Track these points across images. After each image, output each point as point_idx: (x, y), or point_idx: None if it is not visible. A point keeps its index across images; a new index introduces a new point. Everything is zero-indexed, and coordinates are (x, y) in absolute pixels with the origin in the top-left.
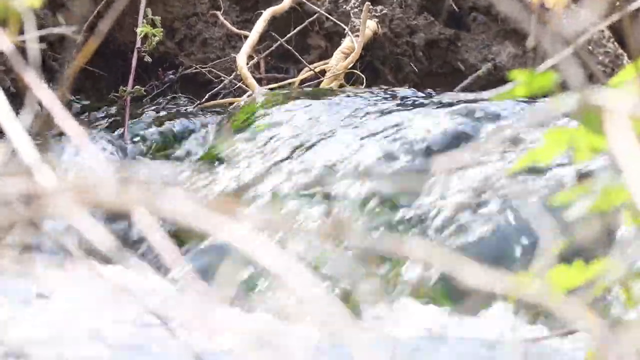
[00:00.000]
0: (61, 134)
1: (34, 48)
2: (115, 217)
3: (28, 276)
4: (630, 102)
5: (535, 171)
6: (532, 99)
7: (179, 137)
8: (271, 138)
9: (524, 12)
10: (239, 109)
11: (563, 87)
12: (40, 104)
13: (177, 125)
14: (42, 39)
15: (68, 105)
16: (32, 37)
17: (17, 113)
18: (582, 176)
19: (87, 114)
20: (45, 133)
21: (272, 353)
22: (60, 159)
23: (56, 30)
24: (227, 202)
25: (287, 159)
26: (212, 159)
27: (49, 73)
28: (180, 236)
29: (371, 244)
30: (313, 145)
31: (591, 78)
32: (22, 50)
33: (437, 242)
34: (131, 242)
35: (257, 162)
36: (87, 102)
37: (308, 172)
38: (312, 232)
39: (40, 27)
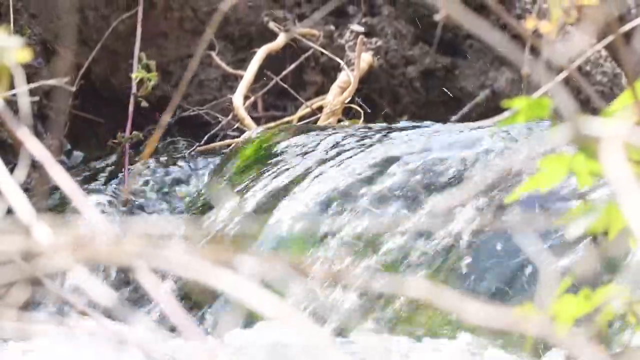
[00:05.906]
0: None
1: (25, 103)
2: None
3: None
4: (624, 130)
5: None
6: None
7: (180, 183)
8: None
9: (515, 40)
10: (235, 153)
11: (558, 113)
12: (33, 159)
13: (177, 170)
14: (36, 89)
15: (67, 154)
16: (23, 91)
17: (14, 165)
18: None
19: (86, 163)
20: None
21: None
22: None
23: (49, 82)
24: (224, 250)
25: (280, 200)
26: (209, 205)
27: (45, 122)
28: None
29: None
30: (305, 185)
31: (588, 102)
32: (14, 104)
33: (436, 280)
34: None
35: (252, 204)
36: (86, 151)
37: (303, 214)
38: (311, 275)
39: (35, 75)
